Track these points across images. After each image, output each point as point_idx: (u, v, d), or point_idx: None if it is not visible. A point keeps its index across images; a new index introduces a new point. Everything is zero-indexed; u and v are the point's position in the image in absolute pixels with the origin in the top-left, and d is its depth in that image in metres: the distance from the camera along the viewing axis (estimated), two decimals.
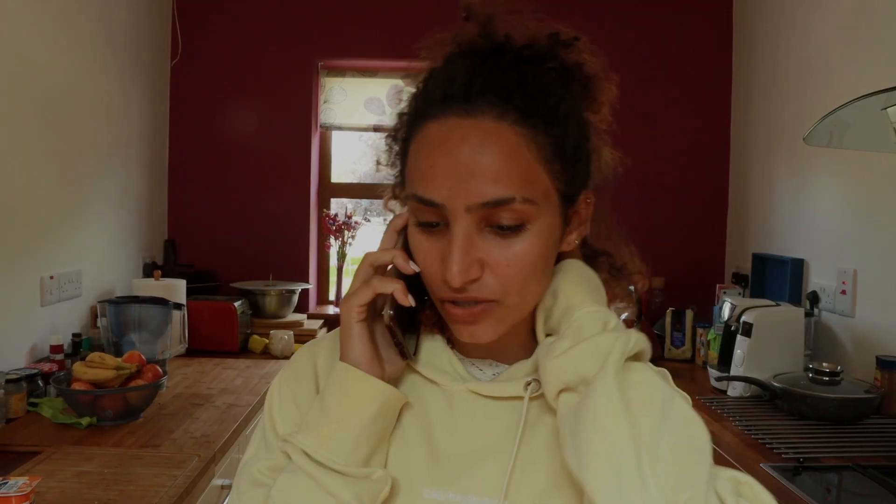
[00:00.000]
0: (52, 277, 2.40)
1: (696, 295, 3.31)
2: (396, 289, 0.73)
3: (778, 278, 2.90)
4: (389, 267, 0.77)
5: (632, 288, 0.90)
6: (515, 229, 0.70)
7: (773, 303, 2.51)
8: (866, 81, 2.25)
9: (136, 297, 2.52)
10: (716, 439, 1.99)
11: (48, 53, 2.37)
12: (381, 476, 0.73)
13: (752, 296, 3.02)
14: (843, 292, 2.49)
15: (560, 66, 0.75)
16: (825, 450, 1.89)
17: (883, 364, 2.20)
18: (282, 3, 3.39)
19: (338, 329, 0.81)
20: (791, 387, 2.16)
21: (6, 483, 1.25)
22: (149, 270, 3.11)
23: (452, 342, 0.83)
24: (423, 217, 0.72)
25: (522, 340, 0.81)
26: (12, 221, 2.20)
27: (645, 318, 2.94)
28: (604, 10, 3.42)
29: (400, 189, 0.81)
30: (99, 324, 2.50)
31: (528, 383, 0.76)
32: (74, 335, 2.46)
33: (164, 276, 2.92)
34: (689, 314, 3.02)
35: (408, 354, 0.78)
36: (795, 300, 2.73)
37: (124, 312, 2.40)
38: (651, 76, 3.44)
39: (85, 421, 1.93)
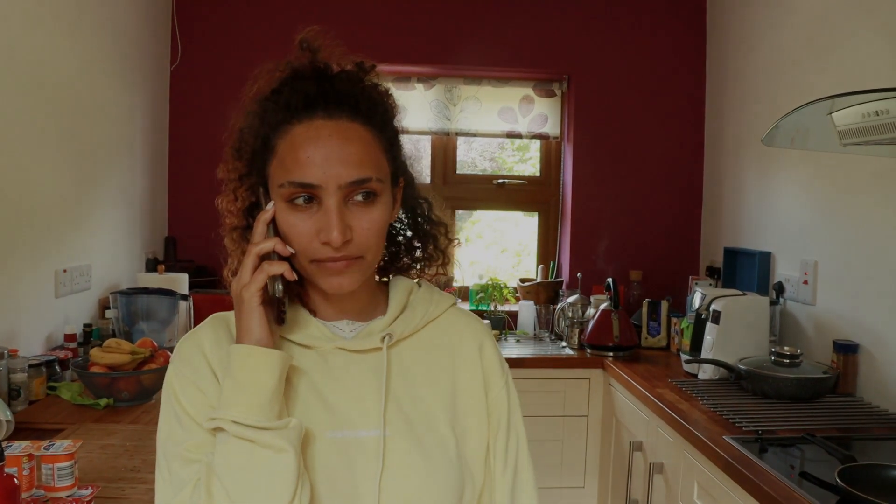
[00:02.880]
0: (65, 271, 2.55)
1: (672, 287, 3.50)
2: (286, 267, 0.92)
3: (747, 270, 3.08)
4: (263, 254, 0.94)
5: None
6: (371, 201, 0.93)
7: (741, 292, 2.69)
8: (824, 87, 2.44)
9: (146, 289, 2.67)
10: (685, 416, 2.17)
11: (60, 59, 2.52)
12: (297, 423, 0.89)
13: (725, 287, 3.20)
14: (806, 282, 2.68)
15: (372, 84, 0.99)
16: (783, 423, 2.07)
17: (839, 347, 2.39)
18: (279, 9, 3.54)
19: (214, 317, 1.01)
20: (755, 368, 2.34)
21: (53, 444, 1.41)
22: (151, 265, 3.26)
23: (312, 311, 1.02)
24: (297, 199, 0.91)
25: (367, 301, 1.04)
26: (30, 219, 2.35)
27: (623, 309, 3.12)
28: (586, 15, 3.60)
29: (253, 186, 0.98)
30: (108, 314, 2.65)
31: (384, 337, 1.00)
32: (85, 325, 2.61)
33: (166, 271, 3.07)
34: (664, 305, 3.20)
35: (284, 320, 0.98)
36: (763, 290, 2.92)
37: (134, 303, 2.56)
38: (629, 80, 3.62)
39: (103, 402, 2.08)
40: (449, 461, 0.97)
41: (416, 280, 1.10)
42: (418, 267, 1.11)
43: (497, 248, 4.05)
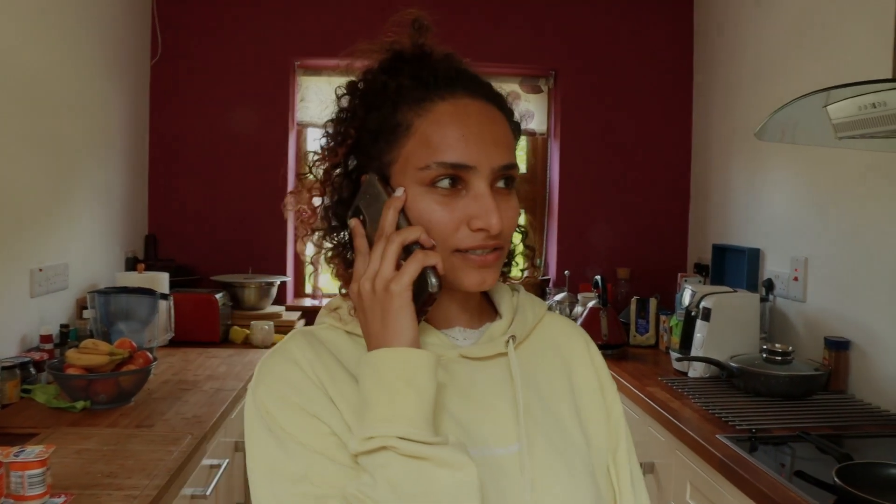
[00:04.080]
0: (41, 270, 2.48)
1: (660, 284, 3.46)
2: (439, 259, 0.82)
3: (736, 267, 3.06)
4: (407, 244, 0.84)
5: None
6: (513, 189, 0.87)
7: (731, 289, 2.66)
8: (815, 80, 2.41)
9: (125, 288, 2.60)
10: (676, 415, 2.14)
11: (31, 52, 2.44)
12: (455, 438, 0.78)
13: (713, 284, 3.17)
14: (796, 279, 2.65)
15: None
16: (776, 422, 2.04)
17: (830, 344, 2.36)
18: (259, 4, 3.48)
19: (300, 331, 0.90)
20: (746, 366, 2.31)
21: (24, 451, 1.35)
22: (131, 264, 3.19)
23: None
24: (441, 183, 0.83)
25: (477, 306, 0.96)
26: (3, 215, 2.28)
27: (611, 307, 3.08)
28: (573, 10, 3.56)
29: (353, 176, 0.89)
30: (86, 314, 2.58)
31: (507, 340, 0.90)
32: (62, 326, 2.54)
33: (146, 270, 3.01)
34: (652, 302, 3.16)
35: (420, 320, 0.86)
36: (752, 287, 2.89)
37: (113, 303, 2.49)
38: (616, 75, 3.59)
39: (79, 405, 2.02)
40: (588, 469, 0.89)
41: (508, 283, 1.01)
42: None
43: None
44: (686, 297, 2.71)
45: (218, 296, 3.06)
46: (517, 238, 0.98)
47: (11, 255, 2.32)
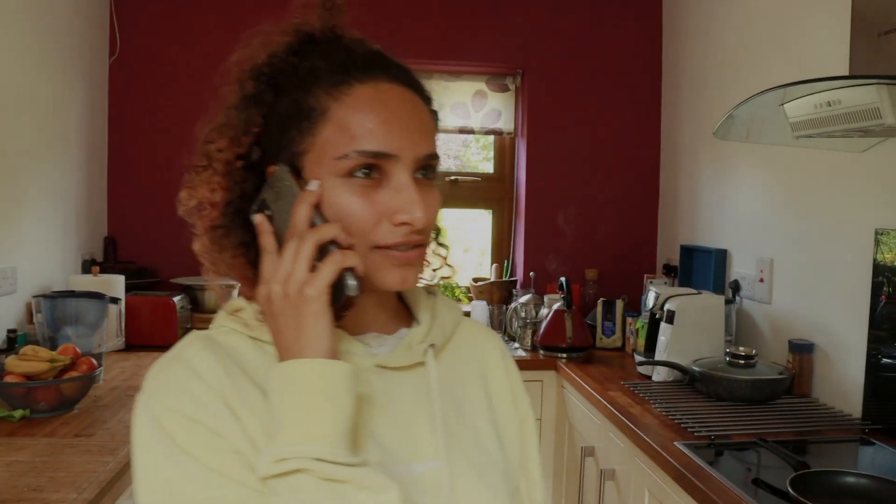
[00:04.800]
0: None
1: (628, 286, 3.42)
2: (358, 259, 0.75)
3: (704, 268, 3.02)
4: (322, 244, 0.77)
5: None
6: (433, 179, 0.82)
7: (695, 291, 2.62)
8: (779, 78, 2.37)
9: (73, 292, 2.52)
10: (636, 421, 2.09)
11: None
12: (373, 458, 0.74)
13: (681, 286, 3.13)
14: (762, 280, 2.61)
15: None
16: (736, 428, 2.00)
17: (794, 347, 2.33)
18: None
19: (198, 335, 0.80)
20: (708, 370, 2.27)
21: None
22: (87, 267, 3.11)
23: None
24: (359, 173, 0.76)
25: (393, 310, 0.90)
26: None
27: (576, 309, 3.04)
28: (540, 8, 3.51)
29: (259, 168, 0.82)
30: (34, 319, 2.50)
31: (426, 349, 0.85)
32: (9, 331, 2.46)
33: (104, 272, 2.93)
34: (619, 304, 3.12)
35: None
36: (719, 289, 2.85)
37: (60, 307, 2.41)
38: (583, 75, 3.55)
39: (18, 413, 1.94)
40: (505, 483, 0.86)
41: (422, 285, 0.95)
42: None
43: (460, 246, 3.97)
44: (650, 299, 2.67)
45: (176, 299, 2.99)
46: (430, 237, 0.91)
47: None
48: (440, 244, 0.95)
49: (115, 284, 2.81)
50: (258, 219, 0.79)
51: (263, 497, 0.70)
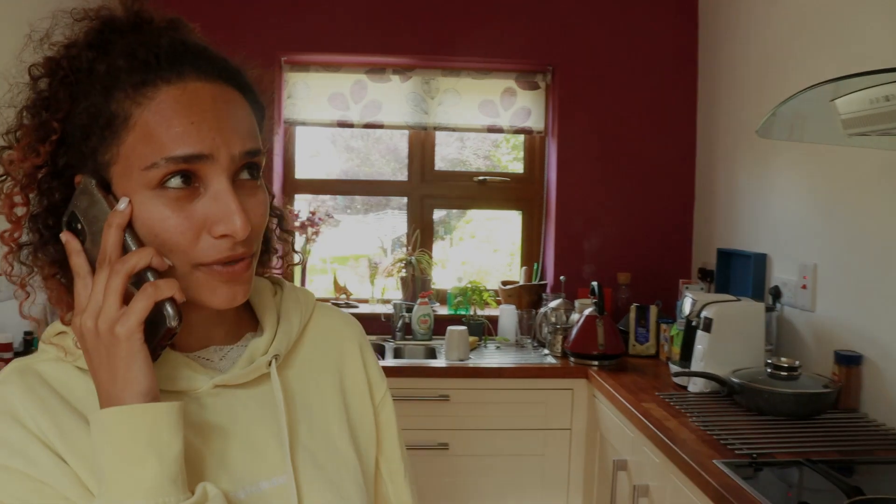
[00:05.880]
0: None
1: (663, 291, 3.30)
2: (176, 287, 0.69)
3: (742, 273, 2.89)
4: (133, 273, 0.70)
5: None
6: (259, 181, 0.76)
7: (734, 298, 2.50)
8: (825, 73, 2.24)
9: None
10: (672, 436, 1.98)
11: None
12: (213, 489, 0.70)
13: (718, 291, 3.00)
14: (804, 287, 2.48)
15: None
16: (779, 445, 1.87)
17: (840, 359, 2.19)
18: None
19: (15, 368, 0.74)
20: (748, 382, 2.14)
21: None
22: None
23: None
24: (171, 182, 0.69)
25: (234, 317, 0.84)
26: None
27: (608, 314, 2.92)
28: (572, 2, 3.40)
29: (61, 181, 0.74)
30: (49, 321, 2.44)
31: (270, 360, 0.81)
32: (26, 333, 2.41)
33: None
34: (653, 310, 3.00)
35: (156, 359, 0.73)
36: (758, 295, 2.72)
37: None
38: (616, 71, 3.42)
39: None
40: (359, 487, 0.84)
41: (266, 277, 0.91)
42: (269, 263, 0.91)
43: (489, 247, 3.88)
44: (686, 306, 2.54)
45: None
46: (273, 224, 0.88)
47: None
48: (284, 230, 0.90)
49: None
50: (65, 237, 0.72)
51: None
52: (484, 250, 3.89)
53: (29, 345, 2.38)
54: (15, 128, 0.73)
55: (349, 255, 3.85)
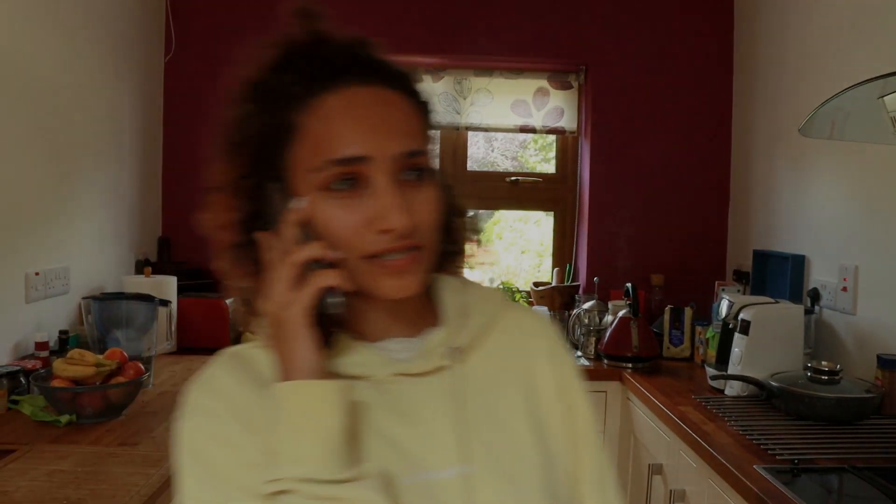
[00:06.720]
0: (37, 273, 2.37)
1: (697, 292, 3.25)
2: (339, 277, 0.76)
3: (779, 275, 2.84)
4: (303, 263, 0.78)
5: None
6: (424, 177, 0.79)
7: (772, 300, 2.45)
8: (869, 70, 2.19)
9: (122, 294, 2.48)
10: (710, 440, 1.94)
11: (36, 48, 2.34)
12: (375, 468, 0.74)
13: (754, 293, 2.96)
14: (845, 289, 2.43)
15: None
16: (821, 451, 1.83)
17: (884, 363, 2.14)
18: None
19: (224, 354, 0.84)
20: (788, 386, 2.10)
21: None
22: (141, 268, 3.08)
23: (352, 333, 0.84)
24: (338, 182, 0.76)
25: (416, 311, 0.87)
26: None
27: (642, 316, 2.88)
28: (604, 1, 3.37)
29: (257, 188, 0.82)
30: (84, 321, 2.47)
31: (449, 352, 0.84)
32: (61, 332, 2.43)
33: (157, 273, 2.89)
34: (687, 312, 2.96)
35: (330, 344, 0.81)
36: (796, 297, 2.67)
37: (109, 309, 2.37)
38: (650, 70, 3.39)
39: (64, 419, 1.89)
40: (543, 490, 0.82)
41: (459, 277, 0.93)
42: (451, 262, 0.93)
43: (517, 248, 3.86)
44: (723, 308, 2.50)
45: (229, 301, 2.93)
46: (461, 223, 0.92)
47: (3, 258, 2.21)
48: (467, 232, 0.93)
49: (168, 286, 2.77)
50: (258, 237, 0.82)
51: None
52: (512, 251, 3.87)
53: (64, 343, 2.40)
54: (221, 143, 0.84)
55: None
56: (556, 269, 3.53)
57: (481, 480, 0.79)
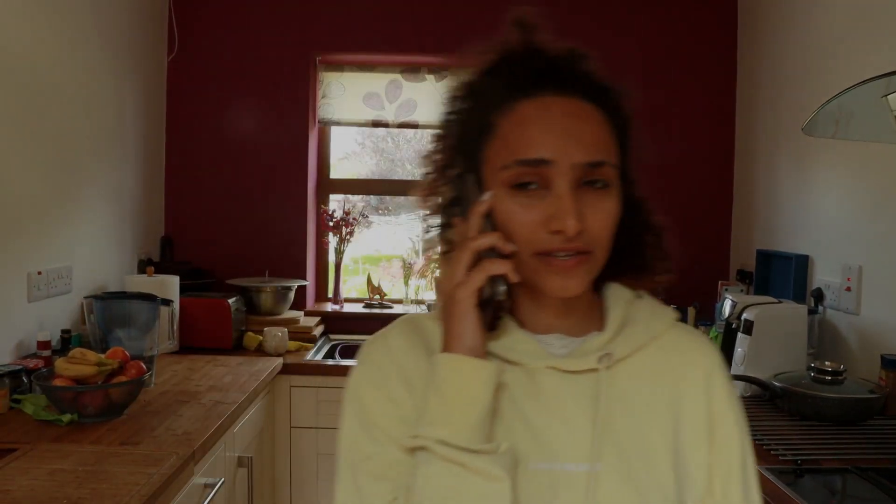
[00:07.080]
0: (39, 273, 2.37)
1: (700, 292, 3.23)
2: (509, 267, 0.82)
3: (782, 275, 2.83)
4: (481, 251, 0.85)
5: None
6: (605, 188, 0.84)
7: (776, 300, 2.45)
8: (874, 69, 2.18)
9: (124, 293, 2.48)
10: None
11: (38, 49, 2.34)
12: (508, 448, 0.79)
13: (757, 293, 2.95)
14: (848, 289, 2.42)
15: (597, 68, 0.90)
16: (825, 452, 1.82)
17: (888, 363, 2.13)
18: None
19: (405, 319, 0.94)
20: (791, 386, 2.10)
21: None
22: (143, 267, 3.08)
23: (519, 322, 0.90)
24: (522, 183, 0.82)
25: (582, 313, 0.91)
26: None
27: None
28: (604, 4, 3.36)
29: (456, 177, 0.89)
30: (87, 320, 2.47)
31: (601, 357, 0.86)
32: (63, 331, 2.43)
33: (160, 273, 2.89)
34: (690, 312, 2.96)
35: (496, 328, 0.87)
36: (800, 297, 2.66)
37: (111, 308, 2.37)
38: (654, 70, 3.38)
39: (66, 418, 1.89)
40: None
41: (635, 290, 0.95)
42: (634, 273, 0.96)
43: None
44: (726, 308, 2.50)
45: (231, 300, 2.94)
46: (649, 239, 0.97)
47: (6, 258, 2.21)
48: (654, 247, 0.97)
49: (170, 285, 2.77)
50: (455, 222, 0.89)
51: (410, 461, 0.81)
52: None
53: (66, 342, 2.40)
54: (439, 133, 0.92)
55: (380, 255, 3.85)
56: None
57: (607, 480, 0.82)
